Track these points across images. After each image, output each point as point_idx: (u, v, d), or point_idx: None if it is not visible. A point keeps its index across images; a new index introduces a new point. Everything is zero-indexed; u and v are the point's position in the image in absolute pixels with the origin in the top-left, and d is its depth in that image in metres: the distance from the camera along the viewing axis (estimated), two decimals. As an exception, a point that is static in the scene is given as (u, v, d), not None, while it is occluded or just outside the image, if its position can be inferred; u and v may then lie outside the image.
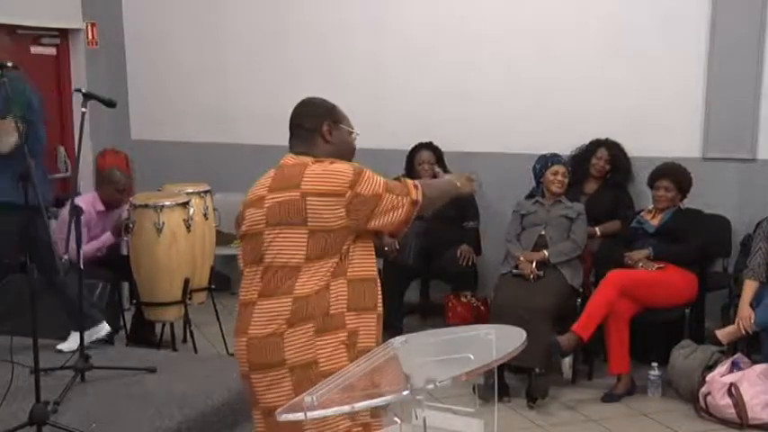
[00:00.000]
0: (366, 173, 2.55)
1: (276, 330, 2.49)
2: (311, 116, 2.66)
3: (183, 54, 7.07)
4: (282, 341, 2.48)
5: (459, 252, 5.62)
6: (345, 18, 6.48)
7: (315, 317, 2.48)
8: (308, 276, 2.51)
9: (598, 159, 5.62)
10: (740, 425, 4.34)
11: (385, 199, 2.55)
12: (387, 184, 2.58)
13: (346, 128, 2.70)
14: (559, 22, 5.85)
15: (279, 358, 2.49)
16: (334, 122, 2.66)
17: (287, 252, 2.54)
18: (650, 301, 4.87)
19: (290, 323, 2.49)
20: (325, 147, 2.64)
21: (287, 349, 2.48)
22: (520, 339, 2.18)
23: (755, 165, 5.52)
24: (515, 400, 4.71)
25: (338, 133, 2.67)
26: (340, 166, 2.55)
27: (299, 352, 2.47)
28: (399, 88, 6.32)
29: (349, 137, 2.72)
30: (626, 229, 5.27)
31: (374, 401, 1.94)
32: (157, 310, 5.20)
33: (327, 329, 2.48)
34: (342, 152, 2.67)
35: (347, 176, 2.51)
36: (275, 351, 2.49)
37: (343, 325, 2.50)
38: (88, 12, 7.05)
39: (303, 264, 2.52)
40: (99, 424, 3.49)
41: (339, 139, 2.67)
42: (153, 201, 5.12)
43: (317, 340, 2.47)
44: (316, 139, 2.64)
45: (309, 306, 2.48)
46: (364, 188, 2.51)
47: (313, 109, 2.68)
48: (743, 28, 5.40)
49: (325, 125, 2.64)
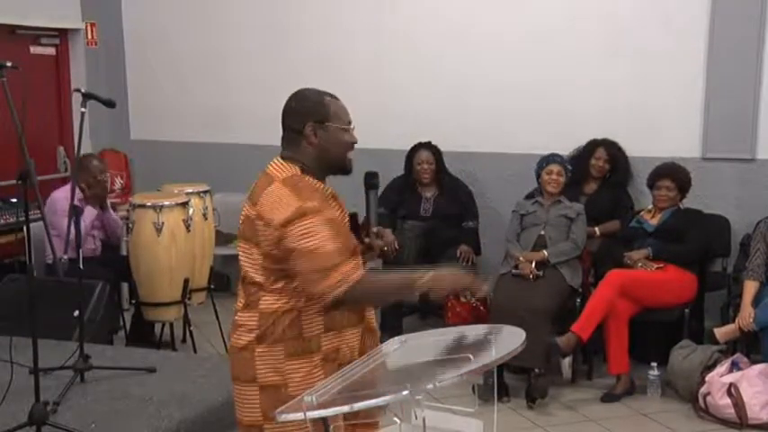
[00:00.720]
0: (308, 220, 2.30)
1: (248, 345, 2.43)
2: (295, 115, 2.47)
3: (182, 54, 7.06)
4: (254, 358, 2.42)
5: (459, 252, 5.62)
6: (345, 18, 6.48)
7: (285, 340, 2.39)
8: (276, 295, 2.41)
9: (597, 160, 5.62)
10: (739, 425, 4.34)
11: (302, 263, 2.32)
12: (314, 252, 2.29)
13: (335, 125, 2.45)
14: (559, 21, 5.84)
15: (250, 375, 2.43)
16: (319, 122, 2.43)
17: (250, 268, 2.46)
18: (650, 301, 4.87)
19: (258, 340, 2.41)
20: (309, 149, 2.45)
21: (258, 367, 2.42)
22: (519, 339, 2.18)
23: (755, 164, 5.52)
24: (515, 401, 4.71)
25: (324, 133, 2.44)
26: (289, 200, 2.33)
27: (271, 372, 2.41)
28: (399, 88, 6.32)
29: (340, 135, 2.46)
30: (625, 229, 5.27)
31: (374, 401, 1.94)
32: (157, 310, 5.20)
33: (299, 354, 2.40)
34: (330, 153, 2.46)
35: (285, 213, 2.32)
36: (247, 367, 2.43)
37: (318, 348, 2.41)
38: (88, 12, 7.05)
39: (265, 282, 2.43)
40: (98, 424, 3.49)
41: (326, 139, 2.44)
42: (152, 201, 5.12)
43: (287, 364, 2.40)
44: (300, 141, 2.45)
45: (278, 326, 2.39)
46: (293, 233, 2.31)
47: (298, 106, 2.48)
48: (742, 28, 5.40)
49: (308, 127, 2.43)
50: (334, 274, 2.29)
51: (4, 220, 5.50)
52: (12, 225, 5.48)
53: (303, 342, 2.40)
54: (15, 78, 3.26)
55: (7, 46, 6.27)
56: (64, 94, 7.00)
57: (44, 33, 6.82)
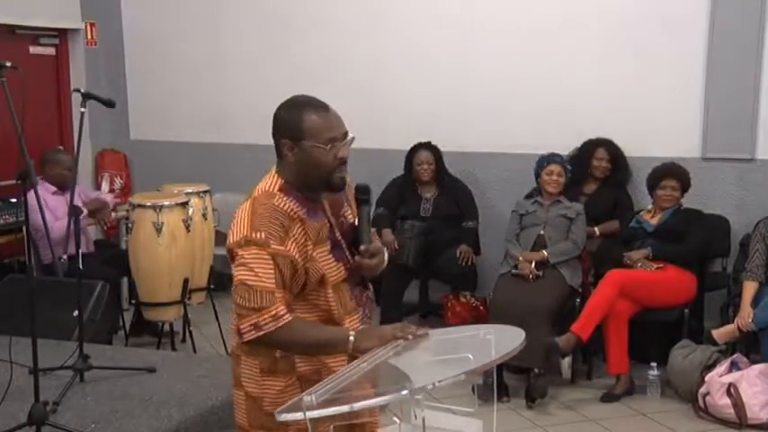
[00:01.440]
0: (249, 255, 2.22)
1: (237, 352, 2.41)
2: (275, 129, 2.37)
3: (182, 54, 7.06)
4: (240, 366, 2.40)
5: (459, 252, 5.63)
6: (345, 19, 6.48)
7: (260, 355, 2.34)
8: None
9: (600, 160, 5.61)
10: (739, 425, 4.34)
11: (234, 294, 2.25)
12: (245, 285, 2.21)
13: (311, 144, 2.30)
14: (559, 22, 5.85)
15: (239, 381, 2.43)
16: (295, 140, 2.31)
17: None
18: (649, 301, 4.87)
19: (241, 349, 2.38)
20: (289, 166, 2.35)
21: (242, 376, 2.40)
22: (519, 339, 2.19)
23: (754, 165, 5.52)
24: (514, 400, 4.71)
25: (300, 152, 2.31)
26: (242, 225, 2.27)
27: (250, 383, 2.38)
28: (399, 88, 6.32)
29: (318, 153, 2.30)
30: (625, 229, 5.27)
31: (373, 401, 1.94)
32: (157, 311, 5.20)
33: (273, 371, 2.34)
34: (306, 171, 2.33)
35: (234, 238, 2.27)
36: (237, 373, 2.42)
37: (291, 369, 2.33)
38: (87, 12, 7.05)
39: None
40: (98, 424, 3.49)
41: (302, 158, 2.31)
42: (152, 201, 5.12)
43: (264, 378, 2.35)
44: (282, 156, 2.36)
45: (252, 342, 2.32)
46: (234, 262, 2.27)
47: (276, 122, 2.37)
48: (742, 28, 5.40)
49: (283, 144, 2.34)
50: (252, 316, 2.21)
51: (3, 220, 5.50)
52: (11, 225, 5.48)
53: (275, 361, 2.34)
54: (15, 78, 3.27)
55: (7, 46, 6.27)
56: (63, 95, 7.00)
57: (44, 33, 6.82)
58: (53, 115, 6.97)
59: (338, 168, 2.34)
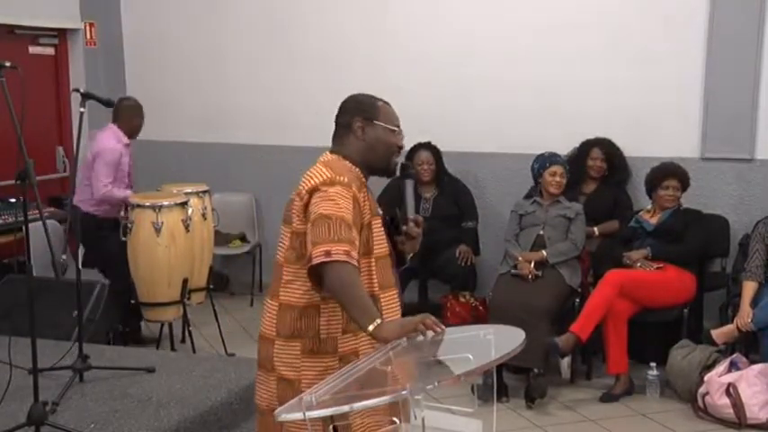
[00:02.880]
0: (333, 190, 2.38)
1: (270, 336, 2.51)
2: (346, 112, 2.60)
3: (181, 54, 7.06)
4: (273, 349, 2.50)
5: (458, 252, 5.63)
6: (345, 18, 6.48)
7: (302, 336, 2.46)
8: (293, 283, 2.47)
9: (594, 160, 5.62)
10: (738, 425, 4.34)
11: (316, 222, 2.33)
12: (329, 217, 2.32)
13: (383, 125, 2.57)
14: (559, 21, 5.85)
15: (270, 365, 2.51)
16: (368, 119, 2.56)
17: (280, 249, 2.55)
18: (649, 301, 4.87)
19: (278, 333, 2.49)
20: (356, 143, 2.56)
21: (276, 359, 2.50)
22: (518, 339, 2.19)
23: (753, 165, 5.52)
24: (514, 400, 4.71)
25: (372, 130, 2.56)
26: (323, 172, 2.45)
27: (286, 366, 2.48)
28: (398, 88, 6.25)
29: (387, 135, 2.58)
30: (624, 229, 5.27)
31: (373, 401, 1.94)
32: (156, 311, 5.20)
33: (315, 352, 2.46)
34: (376, 151, 2.56)
35: (316, 181, 2.43)
36: (269, 356, 2.51)
37: (334, 350, 2.45)
38: (87, 11, 7.05)
39: (284, 263, 2.50)
40: (97, 424, 3.48)
41: (373, 136, 2.56)
42: (151, 201, 5.12)
43: (303, 360, 2.46)
44: (348, 136, 2.57)
45: (296, 322, 2.46)
46: (316, 199, 2.39)
47: (350, 105, 2.62)
48: (741, 28, 5.40)
49: (357, 122, 2.56)
50: (328, 243, 2.29)
51: (3, 220, 5.50)
52: (11, 225, 5.48)
53: (319, 342, 2.45)
54: (14, 78, 3.26)
55: (6, 46, 6.27)
56: (63, 94, 6.99)
57: (43, 33, 6.81)
58: (52, 115, 6.96)
59: (397, 154, 2.61)
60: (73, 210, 4.23)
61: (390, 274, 2.58)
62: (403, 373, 2.12)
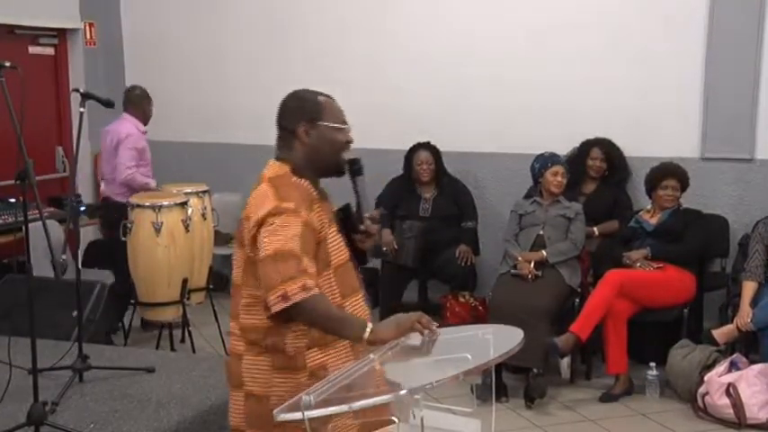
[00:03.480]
0: (279, 222, 2.26)
1: (237, 353, 2.43)
2: (288, 115, 2.46)
3: (181, 54, 7.06)
4: (241, 364, 2.42)
5: (458, 252, 5.63)
6: (344, 19, 6.48)
7: (270, 352, 2.37)
8: (254, 306, 2.38)
9: (594, 160, 5.61)
10: (738, 425, 4.34)
11: (263, 265, 2.26)
12: (277, 255, 2.23)
13: (328, 124, 2.43)
14: (558, 21, 5.85)
15: (239, 381, 2.43)
16: (311, 121, 2.42)
17: (235, 269, 2.46)
18: (648, 300, 4.87)
19: (246, 349, 2.41)
20: (302, 149, 2.43)
21: (245, 374, 2.42)
22: (518, 339, 2.19)
23: (753, 165, 5.52)
24: (513, 400, 4.71)
25: (317, 132, 2.42)
26: (268, 198, 2.32)
27: (255, 382, 2.40)
28: (398, 88, 6.32)
29: (333, 134, 2.44)
30: (624, 229, 5.27)
31: (372, 401, 1.94)
32: (156, 311, 5.20)
33: (285, 368, 2.37)
34: (323, 153, 2.43)
35: (262, 212, 2.30)
36: (238, 372, 2.43)
37: (303, 366, 2.36)
38: (86, 11, 7.04)
39: (241, 285, 2.41)
40: (97, 424, 3.48)
41: (318, 139, 2.42)
42: (151, 201, 5.12)
43: (274, 376, 2.38)
44: (293, 142, 2.44)
45: (262, 341, 2.37)
46: (262, 235, 2.28)
47: (291, 106, 2.47)
48: (741, 28, 5.40)
49: (300, 126, 2.42)
50: (281, 287, 2.22)
51: (3, 220, 5.49)
52: (11, 225, 5.48)
53: (287, 358, 2.36)
54: (14, 78, 3.26)
55: (6, 46, 6.27)
56: (62, 94, 6.99)
57: (43, 33, 6.81)
58: (52, 115, 6.96)
59: (346, 151, 2.47)
60: (74, 210, 4.21)
61: (353, 279, 2.48)
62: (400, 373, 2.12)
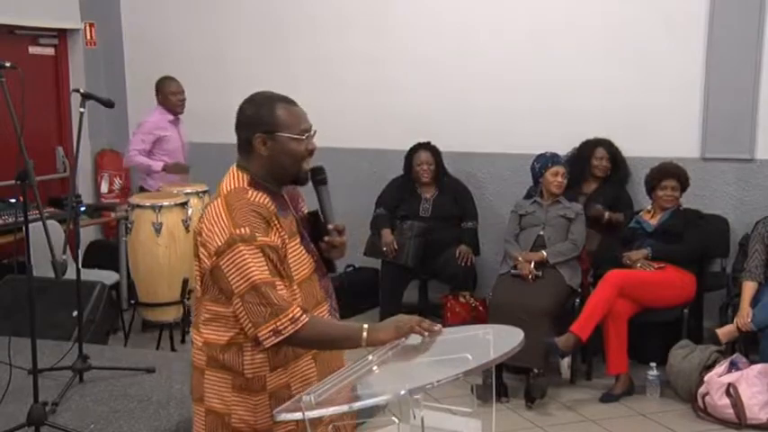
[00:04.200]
0: (237, 257, 2.18)
1: (199, 365, 2.37)
2: (245, 125, 2.36)
3: (181, 54, 7.05)
4: (203, 379, 2.35)
5: (458, 252, 5.63)
6: (344, 19, 6.47)
7: (231, 371, 2.30)
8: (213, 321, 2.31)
9: (599, 159, 5.61)
10: (738, 425, 4.34)
11: (243, 299, 2.18)
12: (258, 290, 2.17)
13: (286, 135, 2.32)
14: (558, 21, 5.85)
15: (199, 394, 2.38)
16: (269, 132, 2.32)
17: (195, 279, 2.37)
18: (649, 301, 4.87)
19: (207, 364, 2.34)
20: (260, 160, 2.34)
21: (206, 389, 2.35)
22: (518, 339, 2.18)
23: (754, 165, 5.52)
24: (514, 401, 4.71)
25: (274, 144, 2.32)
26: (222, 224, 2.23)
27: (216, 398, 2.33)
28: (398, 88, 6.31)
29: (292, 145, 2.33)
30: (624, 230, 5.26)
31: (373, 401, 1.94)
32: (156, 311, 5.20)
33: (244, 389, 2.30)
34: (281, 163, 2.34)
35: (217, 242, 2.22)
36: (199, 386, 2.37)
37: (263, 388, 2.29)
38: (86, 12, 7.04)
39: (201, 297, 2.34)
40: (97, 424, 3.49)
41: (276, 149, 2.32)
42: (151, 201, 5.13)
43: (233, 395, 2.31)
44: (251, 153, 2.35)
45: (220, 358, 2.30)
46: (225, 272, 2.20)
47: (247, 115, 2.36)
48: (741, 28, 5.40)
49: (257, 138, 2.32)
50: (270, 322, 2.17)
51: (3, 221, 5.49)
52: (11, 225, 5.47)
53: (246, 380, 2.30)
54: (14, 78, 3.26)
55: (6, 46, 6.27)
56: (63, 95, 6.99)
57: (43, 33, 6.81)
58: (52, 115, 6.96)
59: (307, 160, 2.38)
60: (74, 210, 4.21)
61: (317, 291, 2.39)
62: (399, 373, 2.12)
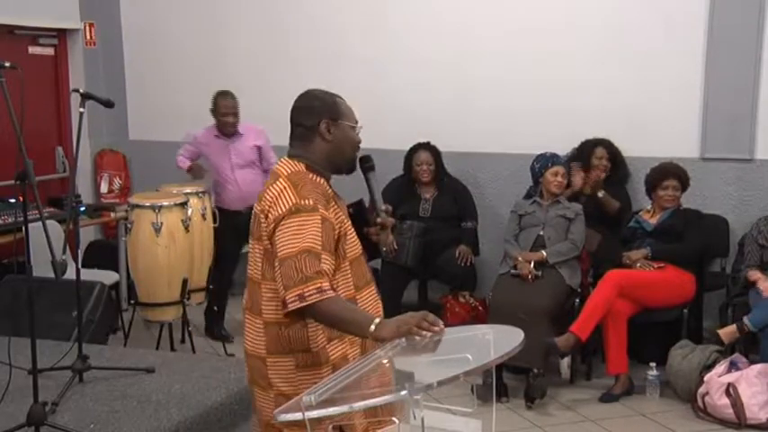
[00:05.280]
0: (297, 221, 2.31)
1: (260, 354, 2.47)
2: (309, 113, 2.49)
3: (181, 54, 7.06)
4: (266, 367, 2.46)
5: (458, 252, 5.63)
6: (345, 18, 6.48)
7: (294, 351, 2.42)
8: (273, 300, 2.41)
9: (600, 159, 5.60)
10: (738, 425, 4.34)
11: (282, 265, 2.31)
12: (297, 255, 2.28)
13: (347, 123, 2.51)
14: (558, 21, 5.85)
15: (266, 382, 2.48)
16: (333, 119, 2.48)
17: (252, 265, 2.49)
18: (648, 301, 4.87)
19: (268, 351, 2.45)
20: (322, 145, 2.48)
21: (272, 376, 2.46)
22: (518, 339, 2.18)
23: (753, 165, 5.53)
24: (514, 401, 4.71)
25: (337, 130, 2.48)
26: (288, 197, 2.36)
27: (283, 381, 2.44)
28: (398, 88, 6.31)
29: (351, 133, 2.52)
30: (624, 229, 5.26)
31: (373, 401, 1.94)
32: (156, 311, 5.20)
33: (309, 365, 2.42)
34: (342, 149, 2.50)
35: (280, 210, 2.35)
36: (262, 374, 2.47)
37: (327, 360, 2.42)
38: (86, 12, 7.05)
39: (261, 281, 2.45)
40: (97, 425, 3.48)
41: (339, 136, 2.48)
42: (151, 201, 5.12)
43: (299, 374, 2.43)
44: (313, 138, 2.48)
45: (285, 338, 2.41)
46: (280, 233, 2.32)
47: (312, 105, 2.50)
48: (741, 28, 5.41)
49: (323, 123, 2.47)
50: (299, 287, 2.27)
51: (3, 221, 5.49)
52: (11, 225, 5.48)
53: (312, 355, 2.42)
54: (14, 78, 3.26)
55: (5, 46, 6.27)
56: (62, 95, 6.99)
57: (42, 33, 6.82)
58: (52, 115, 6.96)
59: (358, 150, 2.56)
60: (74, 211, 4.21)
61: (365, 272, 2.54)
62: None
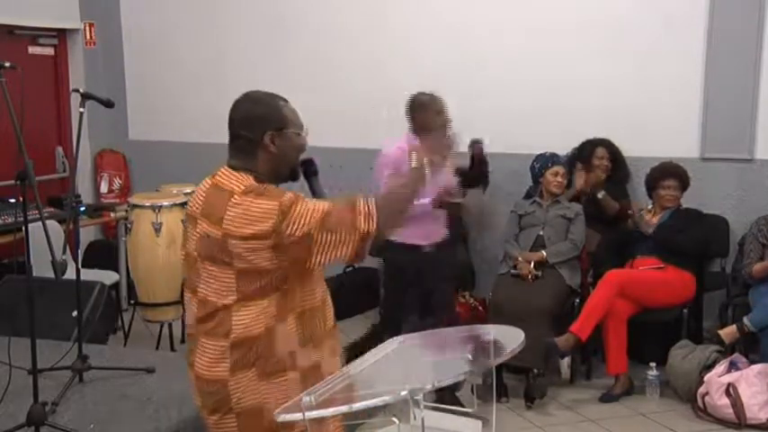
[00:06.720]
0: (296, 208, 2.20)
1: (220, 378, 2.33)
2: (251, 125, 2.35)
3: (181, 54, 7.06)
4: (227, 389, 2.32)
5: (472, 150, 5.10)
6: (344, 18, 6.47)
7: (257, 361, 2.29)
8: (246, 318, 2.28)
9: (601, 159, 5.60)
10: (738, 425, 4.34)
11: (321, 238, 2.20)
12: (324, 219, 2.20)
13: (292, 131, 2.38)
14: (559, 21, 5.84)
15: (226, 407, 2.34)
16: (278, 130, 2.35)
17: (217, 291, 2.30)
18: (648, 301, 4.87)
19: (232, 371, 2.31)
20: (267, 157, 2.35)
21: (232, 397, 2.33)
22: (518, 339, 2.19)
23: (753, 165, 5.52)
24: (514, 401, 4.71)
25: (282, 140, 2.35)
26: (265, 205, 2.21)
27: (246, 397, 2.31)
28: (398, 89, 6.28)
29: (296, 140, 2.39)
30: (624, 229, 5.27)
31: (372, 401, 1.94)
32: (156, 311, 5.21)
33: (273, 373, 2.30)
34: (286, 158, 2.38)
35: (270, 218, 2.19)
36: (222, 400, 2.34)
37: (293, 366, 2.32)
38: (86, 12, 7.05)
39: (235, 303, 2.29)
40: (97, 424, 3.48)
41: (283, 145, 2.36)
42: (151, 201, 5.13)
43: (260, 385, 2.31)
44: (256, 152, 2.34)
45: (251, 351, 2.29)
46: (293, 228, 2.19)
47: (253, 116, 2.37)
48: (741, 28, 5.40)
49: (267, 136, 2.33)
50: (356, 217, 2.21)
51: (3, 220, 5.49)
52: (11, 225, 5.47)
53: (277, 362, 2.30)
54: (14, 78, 3.26)
55: (5, 46, 6.27)
56: (62, 95, 6.99)
57: (42, 33, 6.81)
58: (52, 115, 6.96)
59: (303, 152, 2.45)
60: (73, 211, 4.21)
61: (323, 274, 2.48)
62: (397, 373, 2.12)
